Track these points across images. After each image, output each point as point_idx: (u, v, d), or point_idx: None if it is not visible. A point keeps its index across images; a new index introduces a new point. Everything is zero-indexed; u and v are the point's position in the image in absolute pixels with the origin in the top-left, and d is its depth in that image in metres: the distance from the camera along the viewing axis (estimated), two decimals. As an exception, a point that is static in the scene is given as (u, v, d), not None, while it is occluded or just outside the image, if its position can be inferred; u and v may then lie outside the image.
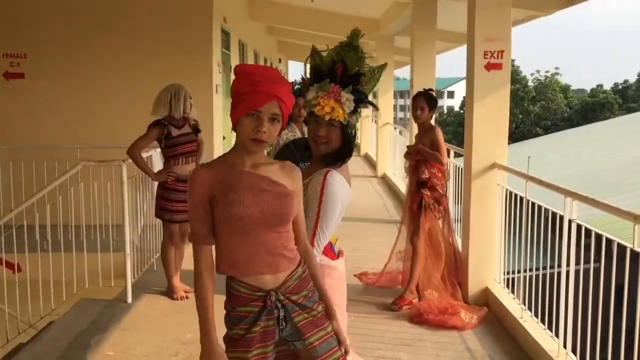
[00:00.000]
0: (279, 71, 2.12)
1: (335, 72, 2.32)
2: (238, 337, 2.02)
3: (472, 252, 5.00)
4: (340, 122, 2.32)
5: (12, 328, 4.68)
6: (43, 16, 7.64)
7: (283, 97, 1.97)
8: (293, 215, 2.05)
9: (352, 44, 2.35)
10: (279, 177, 2.04)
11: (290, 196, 2.03)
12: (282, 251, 2.03)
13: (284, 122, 2.01)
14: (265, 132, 1.93)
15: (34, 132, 7.53)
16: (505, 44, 4.81)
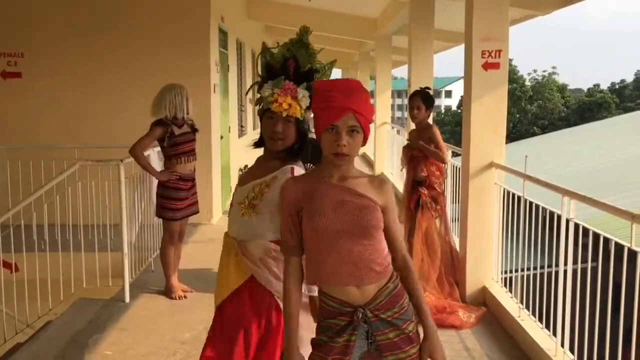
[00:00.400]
0: (358, 82, 2.09)
1: (287, 68, 2.33)
2: (322, 342, 2.08)
3: (469, 251, 5.00)
4: (295, 118, 2.33)
5: (9, 328, 4.67)
6: (40, 15, 7.62)
7: (358, 109, 1.97)
8: (377, 228, 2.03)
9: (302, 41, 2.38)
10: (365, 190, 2.05)
11: (372, 208, 2.01)
12: (369, 264, 2.02)
13: (366, 132, 2.01)
14: (345, 145, 1.96)
15: (32, 132, 7.52)
16: (502, 43, 4.82)
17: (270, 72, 2.36)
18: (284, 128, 2.32)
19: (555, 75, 50.60)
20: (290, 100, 2.30)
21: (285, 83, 2.31)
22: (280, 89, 2.30)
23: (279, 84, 2.31)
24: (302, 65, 2.34)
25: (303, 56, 2.35)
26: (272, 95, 2.30)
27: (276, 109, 2.29)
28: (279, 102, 2.29)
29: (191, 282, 5.36)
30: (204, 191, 7.59)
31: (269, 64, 2.38)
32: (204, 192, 7.64)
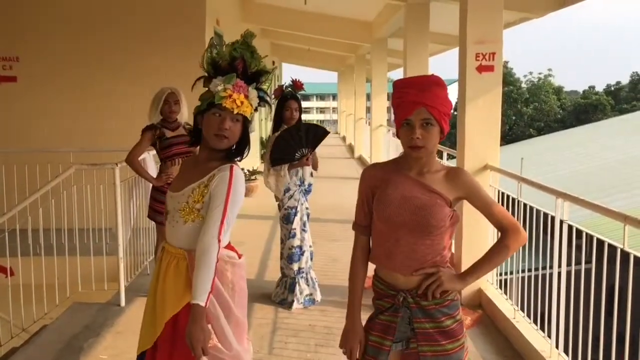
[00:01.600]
0: (434, 78, 2.10)
1: (236, 67, 2.29)
2: (371, 319, 2.24)
3: (465, 254, 5.01)
4: (243, 117, 2.30)
5: (5, 332, 4.66)
6: (35, 19, 7.62)
7: (431, 102, 2.01)
8: (438, 227, 2.06)
9: (247, 44, 2.36)
10: (440, 185, 2.09)
11: (438, 207, 2.05)
12: (422, 259, 2.09)
13: (442, 125, 2.04)
14: (419, 138, 2.01)
15: (27, 135, 7.51)
16: (496, 46, 4.84)
17: (218, 69, 2.30)
18: (231, 126, 2.27)
19: (551, 78, 50.80)
20: (243, 98, 2.26)
21: (237, 80, 2.26)
22: (233, 86, 2.24)
23: (230, 80, 2.25)
24: (249, 66, 2.31)
25: (248, 58, 2.32)
26: (225, 90, 2.24)
27: (229, 105, 2.23)
28: (232, 99, 2.23)
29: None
30: (199, 194, 7.59)
31: (215, 61, 2.32)
32: (200, 196, 7.64)
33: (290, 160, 4.80)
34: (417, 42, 8.54)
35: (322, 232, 7.32)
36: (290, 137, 4.75)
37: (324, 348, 4.18)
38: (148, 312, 2.42)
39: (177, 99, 4.88)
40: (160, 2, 7.69)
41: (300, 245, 4.91)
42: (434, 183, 2.09)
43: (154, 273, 2.47)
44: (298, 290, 4.92)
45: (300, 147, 4.76)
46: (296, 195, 4.89)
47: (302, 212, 4.93)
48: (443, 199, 2.07)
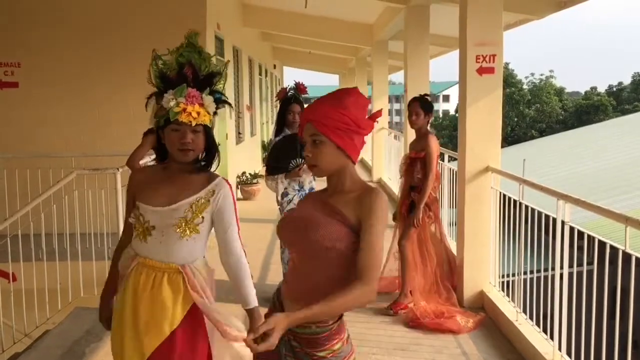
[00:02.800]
0: (337, 91, 1.98)
1: (185, 76, 2.23)
2: None
3: (467, 256, 5.01)
4: (204, 125, 2.24)
5: (7, 337, 4.66)
6: (37, 25, 7.63)
7: (317, 117, 1.87)
8: (329, 250, 1.85)
9: (193, 45, 2.29)
10: (345, 206, 1.88)
11: (333, 226, 1.85)
12: (312, 287, 1.90)
13: (333, 140, 1.86)
14: (308, 156, 1.90)
15: (29, 141, 7.52)
16: (497, 48, 4.84)
17: (167, 82, 2.24)
18: (193, 138, 2.22)
19: (553, 79, 50.79)
20: (198, 108, 2.19)
21: (188, 91, 2.19)
22: (185, 98, 2.18)
23: (181, 92, 2.19)
24: (199, 70, 2.25)
25: (197, 61, 2.26)
26: (178, 105, 2.17)
27: (186, 119, 2.17)
28: (187, 112, 2.17)
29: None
30: (201, 198, 7.59)
31: (163, 73, 2.26)
32: (202, 200, 7.64)
33: (284, 170, 4.78)
34: (418, 45, 8.54)
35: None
36: (287, 147, 4.73)
37: (326, 351, 4.17)
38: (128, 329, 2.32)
39: None
40: (160, 7, 7.70)
41: None
42: (339, 203, 1.89)
43: (125, 289, 2.35)
44: None
45: (295, 157, 4.74)
46: (295, 200, 4.88)
47: None
48: (342, 220, 1.85)
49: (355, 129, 1.89)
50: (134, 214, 2.36)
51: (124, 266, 2.40)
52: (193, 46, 2.29)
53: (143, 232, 2.31)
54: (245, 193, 10.48)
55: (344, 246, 1.85)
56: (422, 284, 4.89)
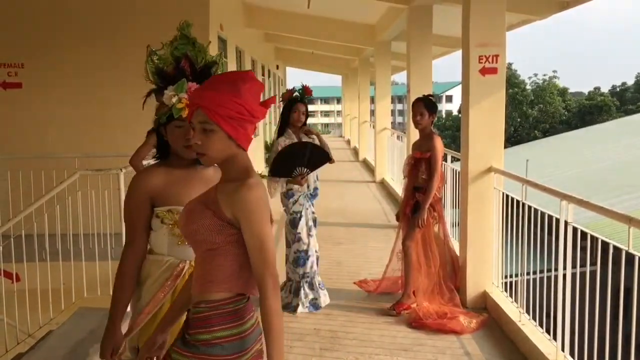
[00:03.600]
0: (231, 74, 1.90)
1: (183, 69, 2.15)
2: None
3: (469, 256, 5.01)
4: None
5: (11, 337, 4.67)
6: (40, 26, 7.66)
7: (208, 103, 1.76)
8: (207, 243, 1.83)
9: (186, 37, 2.21)
10: (222, 197, 1.83)
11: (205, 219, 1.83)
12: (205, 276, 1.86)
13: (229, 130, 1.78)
14: (197, 144, 1.81)
15: (32, 142, 7.54)
16: (499, 48, 4.84)
17: (165, 77, 2.16)
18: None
19: (556, 79, 50.66)
20: None
21: (189, 85, 2.10)
22: (186, 93, 2.09)
23: (182, 87, 2.09)
24: (196, 62, 2.18)
25: (193, 52, 2.19)
26: (180, 101, 2.08)
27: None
28: None
29: (192, 290, 5.37)
30: (204, 199, 7.61)
31: (160, 69, 2.19)
32: (205, 200, 7.66)
33: (287, 176, 4.78)
34: (421, 45, 8.54)
35: (326, 236, 7.31)
36: (293, 154, 4.73)
37: (329, 352, 4.18)
38: None
39: None
40: (163, 8, 7.71)
41: (306, 249, 4.91)
42: (221, 193, 1.83)
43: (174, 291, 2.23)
44: (303, 294, 4.92)
45: (300, 166, 4.74)
46: (301, 200, 4.89)
47: (307, 216, 4.92)
48: (216, 213, 1.81)
49: (249, 118, 1.81)
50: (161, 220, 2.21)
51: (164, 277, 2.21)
52: (186, 38, 2.22)
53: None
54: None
55: (222, 239, 1.82)
56: (425, 285, 4.89)
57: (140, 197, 2.22)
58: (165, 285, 2.22)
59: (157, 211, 2.22)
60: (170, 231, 2.22)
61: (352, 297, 5.29)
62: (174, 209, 2.20)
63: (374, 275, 5.68)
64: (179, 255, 2.25)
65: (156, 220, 2.23)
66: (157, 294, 2.23)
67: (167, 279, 2.23)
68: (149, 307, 2.23)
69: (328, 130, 61.25)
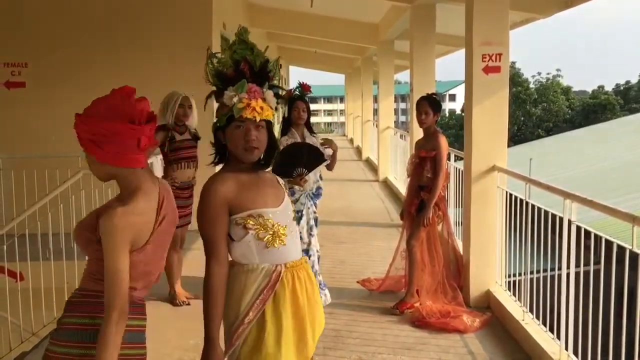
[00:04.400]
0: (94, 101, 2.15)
1: (243, 71, 2.15)
2: None
3: (473, 255, 5.00)
4: (266, 121, 2.16)
5: (15, 337, 4.69)
6: (44, 25, 7.68)
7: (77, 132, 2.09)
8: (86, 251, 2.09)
9: (244, 42, 2.23)
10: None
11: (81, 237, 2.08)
12: None
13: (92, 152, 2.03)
14: None
15: (36, 141, 7.56)
16: (503, 47, 4.83)
17: (225, 79, 2.17)
18: (257, 135, 2.13)
19: (560, 78, 50.68)
20: (261, 103, 2.12)
21: (249, 86, 2.12)
22: (247, 93, 2.11)
23: (242, 87, 2.11)
24: (254, 65, 2.18)
25: (252, 57, 2.20)
26: (241, 100, 2.10)
27: (250, 115, 2.10)
28: (252, 107, 2.10)
29: (194, 288, 5.37)
30: (207, 198, 7.61)
31: (219, 71, 2.19)
32: (208, 199, 7.66)
33: (288, 176, 4.80)
34: (424, 44, 8.53)
35: (329, 235, 7.31)
36: (292, 155, 4.76)
37: (332, 351, 4.18)
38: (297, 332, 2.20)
39: (190, 104, 4.97)
40: (167, 7, 7.74)
41: (307, 249, 4.91)
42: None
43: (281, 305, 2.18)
44: None
45: (299, 166, 4.77)
46: (302, 199, 4.90)
47: (308, 216, 4.92)
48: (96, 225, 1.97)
49: (103, 138, 1.96)
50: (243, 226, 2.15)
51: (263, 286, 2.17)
52: (245, 43, 2.22)
53: (275, 236, 2.17)
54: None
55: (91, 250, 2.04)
56: (429, 284, 4.89)
57: (218, 206, 2.14)
58: (263, 293, 2.17)
59: (237, 218, 2.15)
60: (256, 237, 2.16)
61: (355, 296, 5.29)
62: (254, 212, 2.15)
63: (377, 274, 5.68)
64: (271, 259, 2.19)
65: (237, 228, 2.16)
66: (256, 302, 2.17)
67: (264, 287, 2.17)
68: (249, 317, 2.17)
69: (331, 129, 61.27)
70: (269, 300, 2.16)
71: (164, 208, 2.08)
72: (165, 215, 2.08)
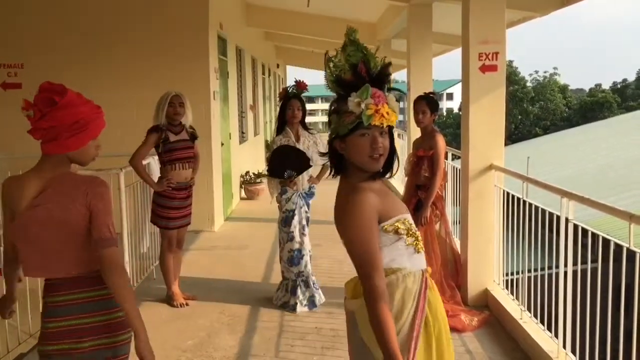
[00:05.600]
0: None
1: (361, 74, 2.02)
2: None
3: (470, 254, 5.00)
4: (389, 127, 2.04)
5: (12, 338, 4.67)
6: (39, 26, 7.66)
7: None
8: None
9: (356, 43, 2.09)
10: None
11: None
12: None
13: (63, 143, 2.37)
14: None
15: (32, 142, 7.45)
16: (499, 45, 4.83)
17: (344, 85, 2.04)
18: (382, 141, 2.01)
19: (557, 76, 50.69)
20: (387, 108, 2.00)
21: (372, 90, 1.98)
22: (372, 98, 1.97)
23: (366, 93, 1.97)
24: (371, 67, 2.04)
25: (366, 59, 2.07)
26: (368, 107, 1.96)
27: (378, 122, 1.97)
28: (380, 113, 1.97)
29: (193, 289, 5.37)
30: (205, 198, 7.61)
31: (339, 77, 2.06)
32: (206, 199, 7.65)
33: (279, 177, 4.88)
34: (421, 43, 8.54)
35: (327, 234, 7.28)
36: (283, 156, 4.85)
37: (331, 351, 4.17)
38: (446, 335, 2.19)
39: (182, 101, 4.90)
40: (163, 8, 7.72)
41: (300, 248, 4.91)
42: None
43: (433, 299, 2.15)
44: (300, 292, 4.92)
45: (289, 168, 4.86)
46: (294, 199, 4.92)
47: (300, 215, 4.93)
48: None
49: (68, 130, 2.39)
50: (395, 231, 2.08)
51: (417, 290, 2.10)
52: (356, 44, 2.08)
53: (418, 240, 2.13)
54: (248, 193, 10.49)
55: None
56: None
57: (372, 217, 2.03)
58: (420, 298, 2.10)
59: (386, 225, 2.06)
60: (406, 242, 2.10)
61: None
62: (400, 217, 2.09)
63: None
64: (418, 264, 2.14)
65: (387, 235, 2.07)
66: (420, 304, 2.10)
67: (419, 292, 2.11)
68: (417, 320, 2.09)
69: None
70: (425, 305, 2.11)
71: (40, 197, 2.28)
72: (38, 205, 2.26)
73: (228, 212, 9.10)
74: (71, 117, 2.29)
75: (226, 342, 4.34)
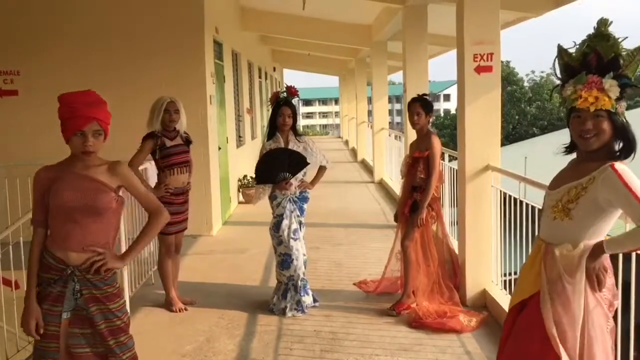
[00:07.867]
0: (96, 94, 2.76)
1: (589, 63, 2.27)
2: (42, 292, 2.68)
3: (468, 255, 5.01)
4: (607, 111, 2.23)
5: (11, 345, 4.67)
6: (36, 33, 7.66)
7: (103, 118, 2.67)
8: (105, 210, 2.61)
9: (602, 34, 2.28)
10: (102, 176, 2.66)
11: (101, 191, 2.62)
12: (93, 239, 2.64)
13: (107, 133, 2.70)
14: (91, 145, 2.63)
15: (29, 148, 7.54)
16: (494, 46, 4.84)
17: (570, 72, 2.32)
18: (594, 124, 2.25)
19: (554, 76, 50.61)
20: (596, 93, 2.21)
21: (587, 77, 2.24)
22: (583, 85, 2.24)
23: (581, 80, 2.25)
24: (605, 55, 2.25)
25: (604, 47, 2.26)
26: (575, 92, 2.26)
27: (581, 105, 2.24)
28: (583, 98, 2.23)
29: (191, 294, 5.37)
30: (202, 202, 7.60)
31: (567, 64, 2.34)
32: (203, 204, 7.65)
33: (272, 182, 4.88)
34: (416, 45, 8.54)
35: (326, 237, 7.30)
36: (275, 159, 4.83)
37: (329, 354, 4.17)
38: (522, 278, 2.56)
39: (177, 108, 4.90)
40: (159, 12, 7.72)
41: (289, 253, 4.90)
42: (97, 174, 2.65)
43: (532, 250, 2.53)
44: (290, 296, 4.93)
45: (283, 171, 4.84)
46: (284, 203, 4.93)
47: (290, 219, 4.93)
48: (105, 186, 2.64)
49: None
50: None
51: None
52: (601, 35, 2.28)
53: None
54: (246, 196, 10.48)
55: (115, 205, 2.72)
56: (424, 284, 4.89)
57: None
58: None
59: None
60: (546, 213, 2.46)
61: (352, 298, 5.29)
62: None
63: (373, 276, 5.68)
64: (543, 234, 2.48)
65: None
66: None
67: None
68: None
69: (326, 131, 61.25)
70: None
71: None
72: None
73: (226, 216, 9.10)
74: (59, 115, 2.70)
75: (225, 346, 4.34)
